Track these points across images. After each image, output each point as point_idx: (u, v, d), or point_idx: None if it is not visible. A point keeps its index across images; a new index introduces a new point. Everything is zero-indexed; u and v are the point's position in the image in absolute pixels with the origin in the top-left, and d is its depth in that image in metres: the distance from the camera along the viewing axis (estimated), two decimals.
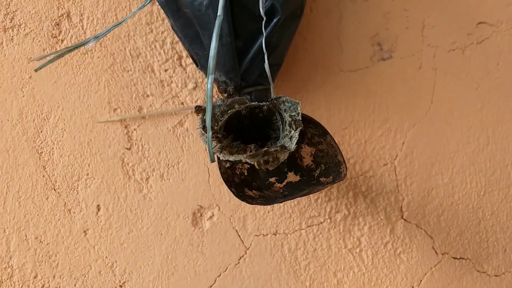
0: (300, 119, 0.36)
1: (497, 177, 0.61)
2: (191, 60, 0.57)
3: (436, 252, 0.61)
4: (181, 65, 0.57)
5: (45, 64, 0.36)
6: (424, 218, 0.61)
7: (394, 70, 0.59)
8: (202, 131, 0.35)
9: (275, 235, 0.60)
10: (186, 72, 0.58)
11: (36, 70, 0.40)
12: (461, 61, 0.60)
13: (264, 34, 0.40)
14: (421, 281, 0.62)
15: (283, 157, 0.35)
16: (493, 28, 0.60)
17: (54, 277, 0.60)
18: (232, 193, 0.39)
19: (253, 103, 0.39)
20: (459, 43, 0.60)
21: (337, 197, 0.60)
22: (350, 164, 0.60)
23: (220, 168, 0.40)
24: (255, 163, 0.35)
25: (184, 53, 0.57)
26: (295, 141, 0.36)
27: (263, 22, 0.41)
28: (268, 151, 0.35)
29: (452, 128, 0.60)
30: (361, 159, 0.60)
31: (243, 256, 0.60)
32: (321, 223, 0.60)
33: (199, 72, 0.57)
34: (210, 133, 0.34)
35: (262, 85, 0.50)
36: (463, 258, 0.62)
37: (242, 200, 0.39)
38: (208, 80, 0.33)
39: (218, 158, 0.37)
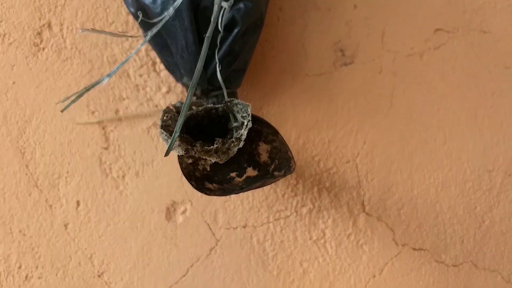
0: (250, 119, 0.40)
1: (453, 173, 0.64)
2: (164, 66, 0.59)
3: (396, 243, 0.64)
4: (155, 70, 0.60)
5: (69, 104, 0.40)
6: (384, 211, 0.64)
7: (356, 75, 0.62)
8: (162, 130, 0.39)
9: (245, 228, 0.63)
10: (160, 77, 0.60)
11: (62, 111, 0.43)
12: (419, 66, 0.63)
13: (218, 46, 0.44)
14: (382, 270, 0.65)
15: (232, 152, 0.39)
16: (449, 35, 0.63)
17: (37, 267, 0.62)
18: (191, 186, 0.42)
19: (208, 105, 0.43)
20: (417, 49, 0.62)
21: (303, 192, 0.63)
22: (315, 161, 0.63)
23: (181, 164, 0.44)
24: (207, 157, 0.39)
25: (158, 60, 0.60)
26: (244, 138, 0.39)
27: (219, 36, 0.45)
28: (218, 148, 0.38)
29: (410, 129, 0.63)
30: (325, 157, 0.63)
31: (214, 247, 0.63)
32: (287, 216, 0.63)
33: (171, 77, 0.60)
34: (177, 134, 0.38)
35: (228, 88, 0.53)
36: (422, 249, 0.65)
37: (201, 191, 0.42)
38: (188, 93, 0.36)
39: (180, 155, 0.41)
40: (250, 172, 0.47)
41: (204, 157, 0.38)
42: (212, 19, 0.41)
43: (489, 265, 0.66)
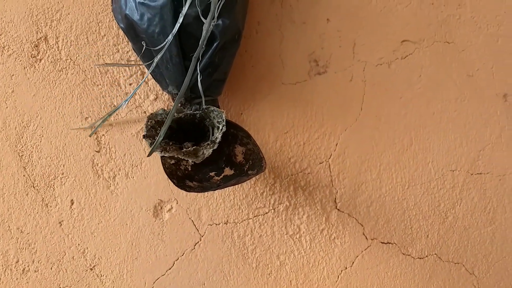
0: (224, 124, 0.45)
1: (419, 173, 0.68)
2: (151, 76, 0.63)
3: (366, 238, 0.68)
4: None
5: (95, 129, 0.43)
6: (355, 208, 0.67)
7: (329, 83, 0.65)
8: (147, 134, 0.44)
9: (226, 224, 0.66)
10: (148, 86, 0.64)
11: (90, 136, 0.47)
12: (387, 74, 0.66)
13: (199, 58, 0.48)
14: (353, 263, 0.68)
15: (208, 153, 0.43)
16: (415, 45, 0.66)
17: (33, 262, 0.64)
18: (173, 183, 0.47)
19: (188, 111, 0.48)
20: (386, 59, 0.66)
21: (280, 191, 0.66)
22: (291, 162, 0.66)
23: (164, 164, 0.48)
24: (185, 157, 0.43)
25: (146, 70, 0.62)
26: (218, 141, 0.44)
27: (201, 51, 0.49)
28: (197, 148, 0.43)
29: (379, 132, 0.66)
30: (300, 158, 0.66)
31: (198, 242, 0.66)
32: (266, 213, 0.66)
33: (158, 85, 0.64)
34: (161, 138, 0.43)
35: (209, 96, 0.57)
36: (390, 243, 0.68)
37: (182, 189, 0.47)
38: (174, 105, 0.41)
39: (162, 156, 0.45)
40: (227, 171, 0.51)
41: (183, 158, 0.43)
42: (200, 42, 0.45)
43: (453, 258, 0.69)
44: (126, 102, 0.45)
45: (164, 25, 0.52)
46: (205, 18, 0.49)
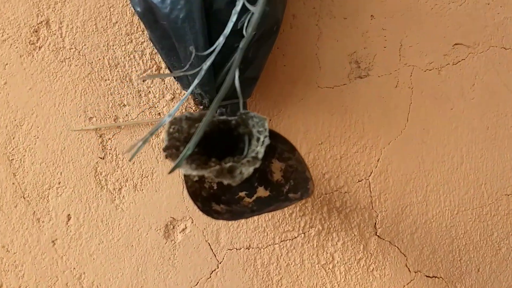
0: (267, 135, 0.36)
1: (470, 196, 0.62)
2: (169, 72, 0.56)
3: (409, 270, 0.61)
4: None
5: (135, 152, 0.36)
6: (397, 235, 0.61)
7: (371, 88, 0.60)
8: (168, 145, 0.35)
9: (248, 249, 0.59)
10: (164, 83, 0.57)
11: (130, 160, 0.42)
12: (437, 81, 0.61)
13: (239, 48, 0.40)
14: None
15: (248, 172, 0.34)
16: (469, 50, 0.61)
17: (19, 287, 0.58)
18: (197, 208, 0.38)
19: (221, 117, 0.39)
20: (436, 63, 0.60)
21: (312, 212, 0.60)
22: (325, 179, 0.60)
23: (186, 182, 0.40)
24: (218, 178, 0.34)
25: (163, 64, 0.57)
26: (261, 156, 0.35)
27: (248, 40, 0.41)
28: (233, 166, 0.34)
29: (427, 147, 0.61)
30: (336, 174, 0.60)
31: (215, 270, 0.60)
32: (295, 238, 0.60)
33: (177, 83, 0.57)
34: (189, 151, 0.33)
35: (238, 98, 0.50)
36: (436, 277, 0.62)
37: (208, 215, 0.38)
38: (211, 107, 0.32)
39: (187, 174, 0.37)
40: (261, 192, 0.43)
41: (216, 178, 0.34)
42: (246, 33, 0.37)
43: None
44: (173, 114, 0.36)
45: (191, 10, 0.45)
46: (251, 4, 0.41)
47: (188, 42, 0.46)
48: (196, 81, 0.37)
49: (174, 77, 0.51)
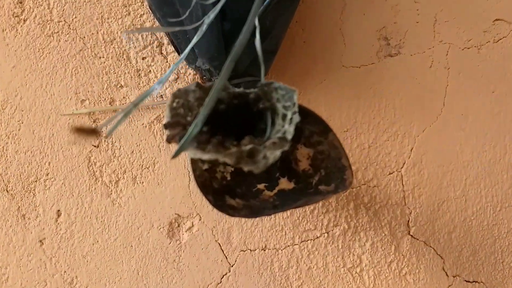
0: (296, 110, 0.30)
1: None
2: (173, 48, 0.54)
3: (446, 274, 0.59)
4: (161, 53, 0.54)
5: (114, 127, 0.30)
6: (433, 235, 0.59)
7: (403, 68, 0.57)
8: (170, 121, 0.28)
9: (264, 250, 0.58)
10: (167, 61, 0.55)
11: (107, 137, 0.40)
12: (477, 61, 0.58)
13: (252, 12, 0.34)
14: None
15: (274, 157, 0.28)
16: (511, 26, 0.58)
17: None
18: (208, 202, 0.32)
19: (237, 89, 0.33)
20: (474, 41, 0.58)
21: (336, 209, 0.57)
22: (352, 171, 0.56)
23: (194, 170, 0.34)
24: (236, 164, 0.28)
25: (165, 40, 0.54)
26: (290, 137, 0.29)
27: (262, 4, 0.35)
28: (255, 148, 0.28)
29: (466, 134, 0.58)
30: (364, 166, 0.57)
31: (226, 274, 0.58)
32: (317, 237, 0.58)
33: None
34: (198, 129, 0.27)
35: (253, 76, 0.46)
36: (476, 282, 0.59)
37: (222, 211, 0.33)
38: (220, 76, 0.26)
39: (195, 158, 0.31)
40: (285, 184, 0.37)
41: (232, 164, 0.27)
42: None
43: None
44: (161, 84, 0.30)
45: None
46: None
47: (194, 7, 0.41)
48: (195, 39, 0.30)
49: (176, 50, 0.46)
